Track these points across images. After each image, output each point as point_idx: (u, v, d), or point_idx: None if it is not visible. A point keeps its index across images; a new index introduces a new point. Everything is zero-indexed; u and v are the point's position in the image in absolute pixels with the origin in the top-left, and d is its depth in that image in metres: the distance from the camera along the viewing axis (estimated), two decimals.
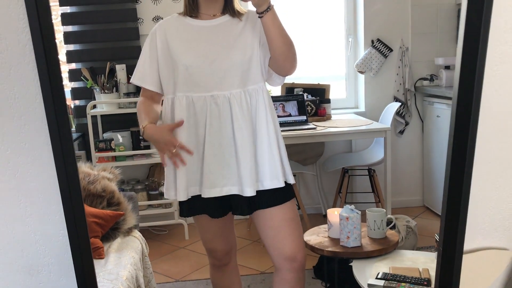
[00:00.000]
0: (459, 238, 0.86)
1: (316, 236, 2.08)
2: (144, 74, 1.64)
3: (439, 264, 0.90)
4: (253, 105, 1.58)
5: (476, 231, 1.05)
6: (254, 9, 1.51)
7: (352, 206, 1.94)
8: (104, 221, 2.14)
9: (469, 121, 0.80)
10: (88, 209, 2.13)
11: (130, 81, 1.70)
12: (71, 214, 0.83)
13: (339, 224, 1.94)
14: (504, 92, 0.87)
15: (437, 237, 1.51)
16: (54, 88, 0.91)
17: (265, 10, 1.47)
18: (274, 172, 1.59)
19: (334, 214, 2.00)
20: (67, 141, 0.86)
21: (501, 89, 0.89)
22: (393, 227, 2.77)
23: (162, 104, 1.70)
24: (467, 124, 0.80)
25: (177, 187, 1.62)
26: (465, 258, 1.00)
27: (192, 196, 1.64)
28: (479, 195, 1.00)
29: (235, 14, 1.60)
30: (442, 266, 0.89)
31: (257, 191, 1.59)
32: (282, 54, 1.54)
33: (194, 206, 1.67)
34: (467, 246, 1.00)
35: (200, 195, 1.62)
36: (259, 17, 1.50)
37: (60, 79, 0.98)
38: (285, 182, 1.63)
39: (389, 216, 2.09)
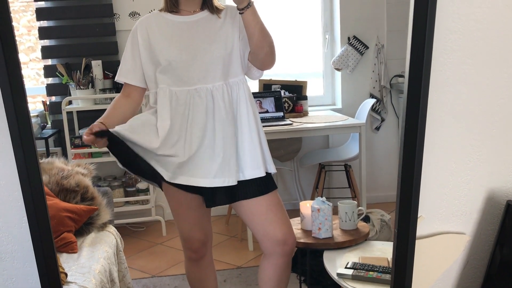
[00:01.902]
0: (412, 221, 0.89)
1: None
2: (127, 71, 1.70)
3: (394, 247, 0.93)
4: (234, 98, 1.63)
5: (434, 216, 1.08)
6: (233, 4, 1.56)
7: (324, 198, 1.97)
8: (78, 215, 2.13)
9: (419, 107, 0.83)
10: (61, 204, 2.12)
11: (116, 80, 1.75)
12: (30, 201, 0.83)
13: (311, 216, 1.96)
14: (453, 79, 0.89)
15: None
16: (13, 82, 0.92)
17: (245, 6, 1.52)
18: (255, 162, 1.63)
19: (306, 206, 2.03)
20: (25, 127, 0.87)
21: (452, 76, 0.91)
22: (368, 221, 2.82)
23: (143, 101, 1.78)
24: (417, 110, 0.83)
25: (166, 168, 1.63)
26: (423, 242, 1.03)
27: None
28: (434, 180, 1.03)
29: (214, 10, 1.64)
30: (398, 249, 0.91)
31: (239, 181, 1.63)
32: (261, 49, 1.59)
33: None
34: (424, 230, 1.03)
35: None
36: (239, 13, 1.54)
37: (18, 68, 0.98)
38: (266, 172, 1.67)
39: (360, 208, 2.12)
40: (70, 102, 3.22)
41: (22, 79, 1.01)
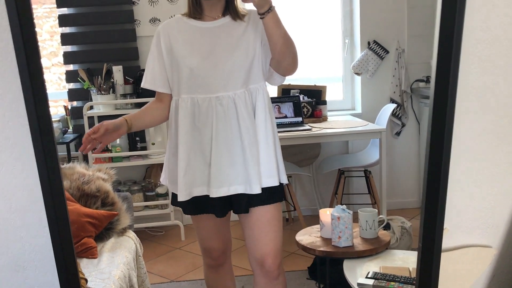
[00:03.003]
0: (437, 234, 0.86)
1: (308, 236, 2.08)
2: (154, 77, 1.67)
3: (419, 260, 0.90)
4: (253, 104, 1.61)
5: (459, 228, 1.05)
6: (255, 9, 1.52)
7: (344, 206, 1.95)
8: (98, 221, 2.14)
9: (445, 117, 0.81)
10: (82, 209, 2.14)
11: (142, 86, 1.72)
12: (52, 210, 0.83)
13: (331, 224, 1.94)
14: (481, 90, 0.87)
15: None
16: (35, 87, 0.92)
17: (266, 11, 1.48)
18: (271, 171, 1.61)
19: (326, 214, 2.01)
20: (48, 137, 0.87)
21: (479, 87, 0.89)
22: (388, 228, 2.78)
23: None
24: (443, 121, 0.80)
25: (179, 187, 1.63)
26: (447, 256, 1.01)
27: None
28: (460, 192, 1.00)
29: (237, 15, 1.62)
30: (422, 262, 0.89)
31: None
32: (283, 55, 1.56)
33: (199, 205, 1.67)
34: (449, 243, 1.00)
35: (204, 195, 1.63)
36: (260, 18, 1.50)
37: (41, 78, 0.99)
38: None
39: (381, 216, 2.09)
40: (91, 107, 3.26)
41: (45, 86, 1.02)
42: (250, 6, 1.52)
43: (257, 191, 1.58)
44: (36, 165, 0.98)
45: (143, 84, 1.70)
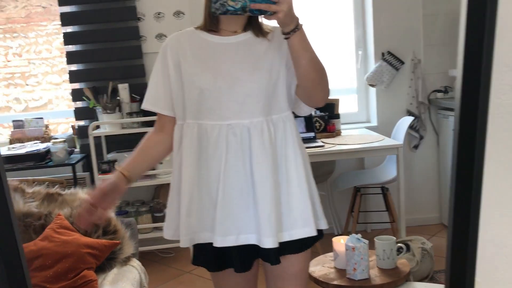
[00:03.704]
0: (468, 274, 0.73)
1: (321, 267, 1.94)
2: (157, 98, 1.41)
3: None
4: (279, 138, 1.35)
5: (492, 280, 0.92)
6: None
7: (359, 235, 1.81)
8: (99, 251, 2.04)
9: (473, 161, 0.68)
10: (82, 239, 2.04)
11: (142, 107, 1.46)
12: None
13: (345, 254, 1.80)
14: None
15: None
16: None
17: (292, 30, 1.24)
18: (305, 218, 1.35)
19: (339, 242, 1.87)
20: None
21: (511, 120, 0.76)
22: (407, 249, 2.62)
23: None
24: (471, 164, 0.67)
25: (181, 230, 1.38)
26: None
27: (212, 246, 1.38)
28: (491, 240, 0.87)
29: (260, 32, 1.37)
30: None
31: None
32: (311, 82, 1.31)
33: (222, 257, 1.40)
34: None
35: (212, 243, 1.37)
36: (285, 38, 1.26)
37: None
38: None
39: (399, 244, 1.94)
40: (97, 127, 3.18)
41: None
42: (274, 23, 1.28)
43: (269, 245, 1.31)
44: None
45: (144, 105, 1.44)
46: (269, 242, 1.30)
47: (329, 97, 3.61)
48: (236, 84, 1.32)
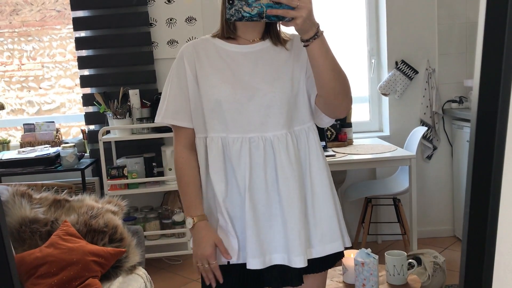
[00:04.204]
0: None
1: (330, 281, 1.90)
2: (176, 110, 1.32)
3: None
4: (302, 150, 1.30)
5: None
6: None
7: (369, 250, 1.76)
8: (105, 259, 2.02)
9: (488, 198, 0.64)
10: (87, 246, 2.02)
11: (158, 121, 1.35)
12: None
13: (354, 269, 1.76)
14: None
15: None
16: None
17: (312, 37, 1.17)
18: (333, 233, 1.30)
19: (349, 257, 1.82)
20: None
21: None
22: (419, 263, 2.56)
23: None
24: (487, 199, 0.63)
25: (234, 246, 1.30)
26: None
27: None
28: (506, 265, 0.82)
29: (279, 40, 1.31)
30: None
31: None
32: (332, 92, 1.23)
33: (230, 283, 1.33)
34: None
35: (242, 264, 1.31)
36: (304, 45, 1.19)
37: None
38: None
39: (410, 260, 1.89)
40: (107, 132, 3.17)
41: None
42: (292, 30, 1.21)
43: (299, 264, 1.24)
44: None
45: (161, 119, 1.33)
46: (300, 261, 1.24)
47: None
48: (257, 95, 1.26)
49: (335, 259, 1.34)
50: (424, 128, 3.22)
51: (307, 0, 1.13)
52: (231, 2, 1.13)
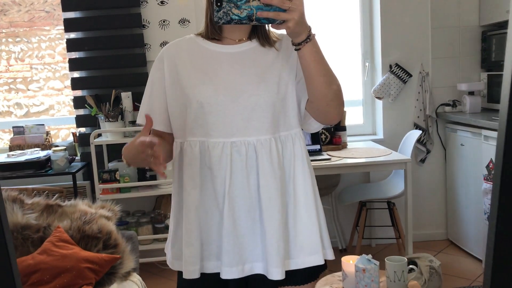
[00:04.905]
0: None
1: (329, 287, 1.88)
2: (151, 111, 1.28)
3: None
4: (287, 157, 1.24)
5: None
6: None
7: (370, 256, 1.74)
8: (99, 266, 1.97)
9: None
10: (81, 253, 1.97)
11: (137, 122, 1.34)
12: None
13: (355, 275, 1.74)
14: None
15: None
16: None
17: (304, 40, 1.12)
18: (313, 245, 1.24)
19: (349, 263, 1.80)
20: None
21: None
22: (415, 265, 2.55)
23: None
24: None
25: (184, 258, 1.25)
26: None
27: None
28: None
29: (267, 41, 1.26)
30: None
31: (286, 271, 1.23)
32: (324, 98, 1.19)
33: None
34: None
35: (216, 273, 1.26)
36: (295, 49, 1.15)
37: None
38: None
39: (411, 266, 1.88)
40: (99, 135, 3.12)
41: None
42: (282, 31, 1.17)
43: (277, 276, 1.20)
44: None
45: (138, 119, 1.32)
46: (277, 273, 1.20)
47: None
48: (241, 97, 1.21)
49: (317, 272, 1.29)
50: (419, 132, 3.23)
51: (299, 2, 1.09)
52: (219, 4, 1.08)
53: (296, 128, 1.26)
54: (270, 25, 1.14)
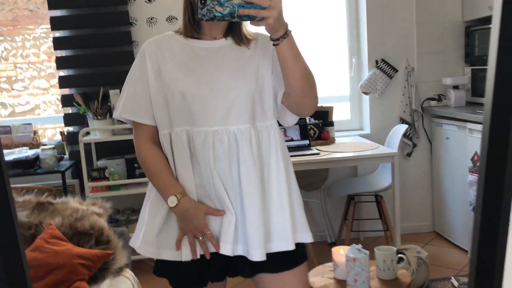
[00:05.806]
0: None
1: (321, 277, 1.91)
2: (136, 106, 1.32)
3: None
4: (263, 147, 1.31)
5: None
6: (265, 32, 1.24)
7: (360, 246, 1.78)
8: (92, 262, 1.98)
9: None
10: (74, 249, 1.98)
11: (116, 116, 1.36)
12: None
13: (346, 265, 1.77)
14: None
15: None
16: None
17: (281, 36, 1.20)
18: (283, 232, 1.30)
19: (339, 253, 1.84)
20: None
21: None
22: (403, 258, 2.59)
23: None
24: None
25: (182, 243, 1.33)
26: None
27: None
28: None
29: (241, 39, 1.33)
30: None
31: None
32: (300, 90, 1.27)
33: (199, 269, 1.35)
34: None
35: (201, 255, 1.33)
36: (273, 44, 1.23)
37: None
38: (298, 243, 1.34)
39: (400, 255, 1.92)
40: (87, 133, 3.11)
41: None
42: (259, 29, 1.24)
43: (258, 258, 1.26)
44: None
45: (119, 114, 1.34)
46: (257, 255, 1.26)
47: (323, 105, 3.58)
48: (221, 88, 1.28)
49: (293, 262, 1.34)
50: (405, 126, 3.28)
51: (277, 0, 1.16)
52: (203, 2, 1.14)
53: (271, 120, 1.33)
54: (250, 22, 1.20)
